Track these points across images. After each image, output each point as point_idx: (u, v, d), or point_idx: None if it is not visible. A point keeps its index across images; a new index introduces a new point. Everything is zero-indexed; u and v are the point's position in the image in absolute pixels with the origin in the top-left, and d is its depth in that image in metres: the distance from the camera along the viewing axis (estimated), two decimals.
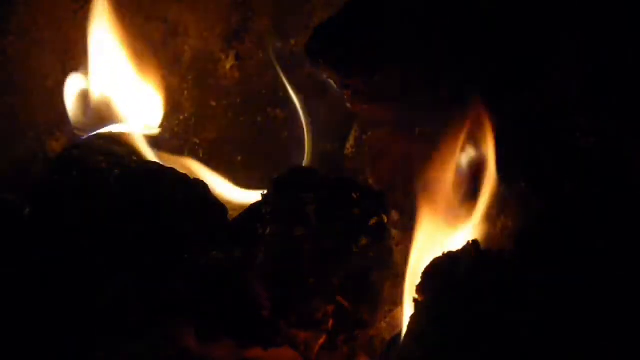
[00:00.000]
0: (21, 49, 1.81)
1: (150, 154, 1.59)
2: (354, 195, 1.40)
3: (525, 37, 1.52)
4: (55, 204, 1.42)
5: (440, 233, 1.42)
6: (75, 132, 1.62)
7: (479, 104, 1.45)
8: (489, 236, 1.45)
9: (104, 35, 1.65)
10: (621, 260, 1.23)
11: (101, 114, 1.62)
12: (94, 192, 1.42)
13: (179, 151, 1.81)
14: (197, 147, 1.86)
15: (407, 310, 1.36)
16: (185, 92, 1.87)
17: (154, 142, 1.63)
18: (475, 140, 1.46)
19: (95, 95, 1.64)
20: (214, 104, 1.88)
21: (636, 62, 1.48)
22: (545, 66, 1.53)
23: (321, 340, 1.36)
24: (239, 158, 1.87)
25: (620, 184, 1.32)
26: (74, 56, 1.79)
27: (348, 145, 1.78)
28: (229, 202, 1.58)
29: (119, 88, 1.65)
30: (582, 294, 1.20)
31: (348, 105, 1.66)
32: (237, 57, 1.87)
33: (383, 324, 1.42)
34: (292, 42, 1.86)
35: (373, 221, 1.39)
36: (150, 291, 1.35)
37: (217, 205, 1.47)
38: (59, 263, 1.36)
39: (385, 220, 1.40)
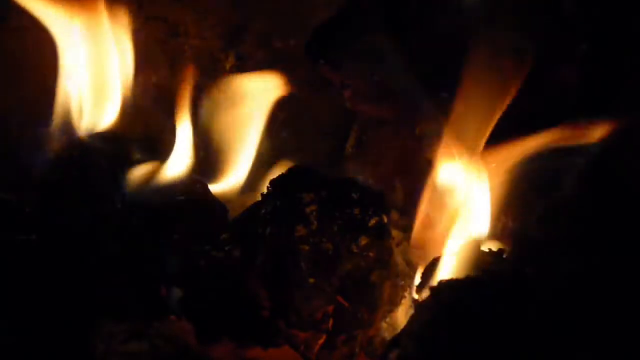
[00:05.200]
0: (21, 49, 1.80)
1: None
2: (354, 195, 1.40)
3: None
4: (56, 204, 1.42)
5: None
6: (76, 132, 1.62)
7: None
8: (489, 236, 1.46)
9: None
10: (621, 260, 1.23)
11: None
12: (94, 192, 1.42)
13: None
14: (197, 147, 1.86)
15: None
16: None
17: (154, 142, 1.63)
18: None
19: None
20: None
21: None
22: (545, 67, 1.53)
23: (321, 340, 1.36)
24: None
25: (620, 183, 1.32)
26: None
27: (348, 145, 1.78)
28: (229, 202, 1.58)
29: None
30: (582, 294, 1.20)
31: (348, 105, 1.66)
32: (237, 57, 1.87)
33: (383, 324, 1.42)
34: (292, 42, 1.85)
35: (373, 221, 1.38)
36: (150, 291, 1.35)
37: (217, 205, 1.47)
38: (59, 262, 1.36)
39: (385, 220, 1.40)
